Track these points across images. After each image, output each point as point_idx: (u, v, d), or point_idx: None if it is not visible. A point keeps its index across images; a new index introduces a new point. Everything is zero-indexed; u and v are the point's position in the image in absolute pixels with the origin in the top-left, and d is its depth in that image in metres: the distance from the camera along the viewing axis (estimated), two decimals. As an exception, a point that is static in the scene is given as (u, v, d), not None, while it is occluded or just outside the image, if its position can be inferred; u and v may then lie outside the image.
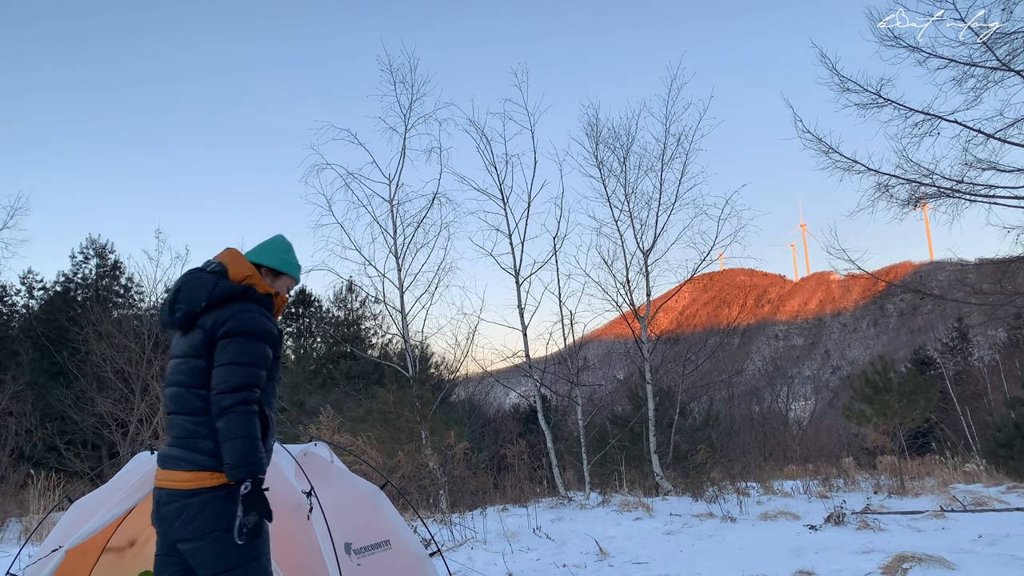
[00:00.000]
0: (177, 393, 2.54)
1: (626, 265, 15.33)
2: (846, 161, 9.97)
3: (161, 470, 2.54)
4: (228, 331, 2.50)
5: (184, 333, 2.61)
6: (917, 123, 9.34)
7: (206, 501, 2.43)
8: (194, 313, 2.56)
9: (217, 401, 2.43)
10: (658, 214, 15.13)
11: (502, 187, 14.85)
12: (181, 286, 2.62)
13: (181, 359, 2.57)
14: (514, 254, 14.74)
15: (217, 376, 2.46)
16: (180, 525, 2.44)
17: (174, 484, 2.47)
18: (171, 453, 2.52)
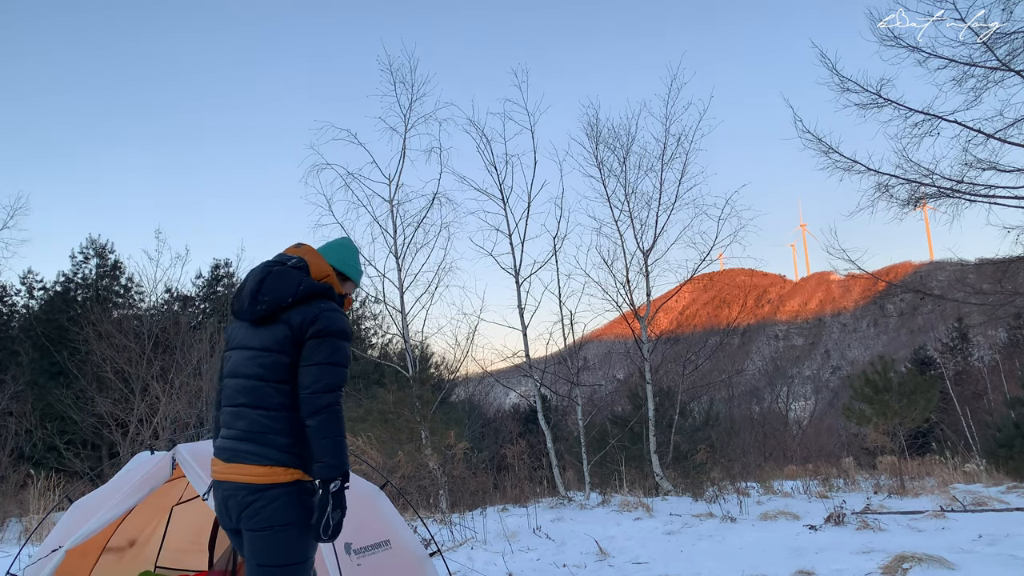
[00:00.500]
0: (252, 386, 2.49)
1: (626, 265, 15.34)
2: (846, 161, 9.99)
3: (225, 463, 2.51)
4: (320, 331, 2.47)
5: (258, 325, 2.55)
6: (917, 123, 9.36)
7: (277, 496, 2.43)
8: (279, 307, 2.51)
9: (313, 400, 2.41)
10: (658, 214, 15.15)
11: (502, 187, 14.86)
12: (264, 278, 2.56)
13: (258, 352, 2.51)
14: (514, 254, 14.75)
15: (311, 375, 2.43)
16: (246, 517, 2.43)
17: (245, 478, 2.45)
18: (240, 447, 2.48)
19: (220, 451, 2.56)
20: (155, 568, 5.30)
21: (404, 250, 14.32)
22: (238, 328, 2.64)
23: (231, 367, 2.59)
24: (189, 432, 13.76)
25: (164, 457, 3.95)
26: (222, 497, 2.53)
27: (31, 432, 16.48)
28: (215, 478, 2.56)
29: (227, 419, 2.56)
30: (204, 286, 26.60)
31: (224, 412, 2.58)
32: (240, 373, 2.54)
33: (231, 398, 2.55)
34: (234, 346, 2.62)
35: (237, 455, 2.48)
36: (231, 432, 2.53)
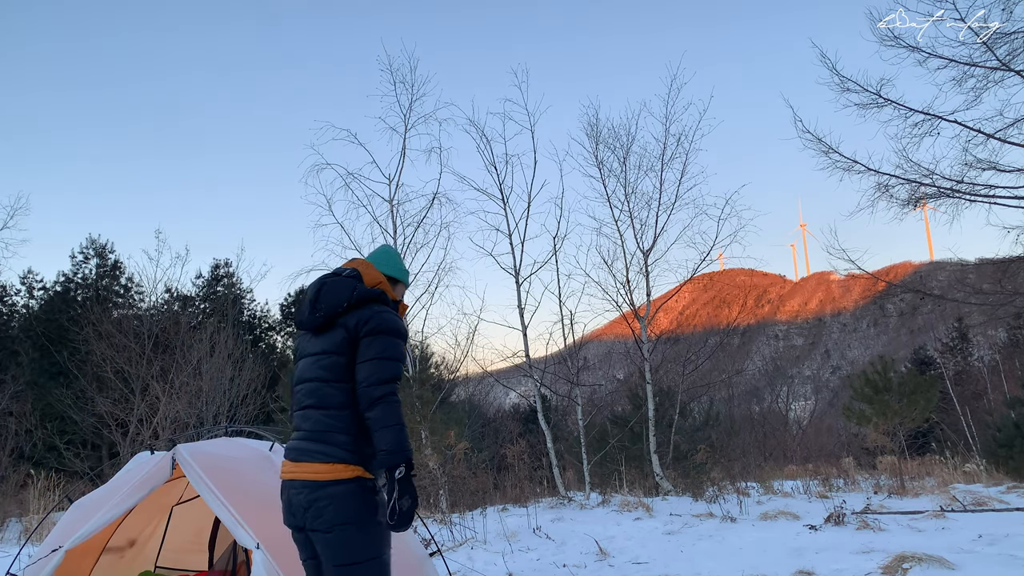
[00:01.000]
0: (315, 388, 2.63)
1: (626, 265, 15.35)
2: (846, 161, 9.99)
3: (291, 462, 2.62)
4: (372, 329, 2.61)
5: (319, 333, 2.71)
6: (917, 123, 9.36)
7: (337, 493, 2.50)
8: (335, 313, 2.66)
9: (368, 393, 2.52)
10: (658, 214, 15.16)
11: (502, 187, 14.87)
12: (321, 288, 2.73)
13: (320, 356, 2.66)
14: (514, 254, 14.76)
15: (365, 370, 2.55)
16: (312, 515, 2.51)
17: (309, 475, 2.54)
18: (305, 446, 2.60)
19: (288, 451, 2.68)
20: (155, 568, 5.30)
21: (404, 250, 14.32)
22: (302, 338, 2.81)
23: (299, 373, 2.74)
24: (189, 432, 13.76)
25: (164, 457, 3.95)
26: (288, 496, 2.62)
27: (31, 432, 16.46)
28: (283, 478, 2.67)
29: (297, 422, 2.71)
30: (204, 286, 26.60)
31: (297, 415, 2.72)
32: (305, 378, 2.69)
33: (299, 402, 2.71)
34: (304, 353, 2.77)
35: (303, 454, 2.59)
36: (299, 433, 2.67)
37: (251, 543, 3.46)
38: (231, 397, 16.60)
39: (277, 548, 3.49)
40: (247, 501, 3.66)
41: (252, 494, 3.76)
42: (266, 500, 3.79)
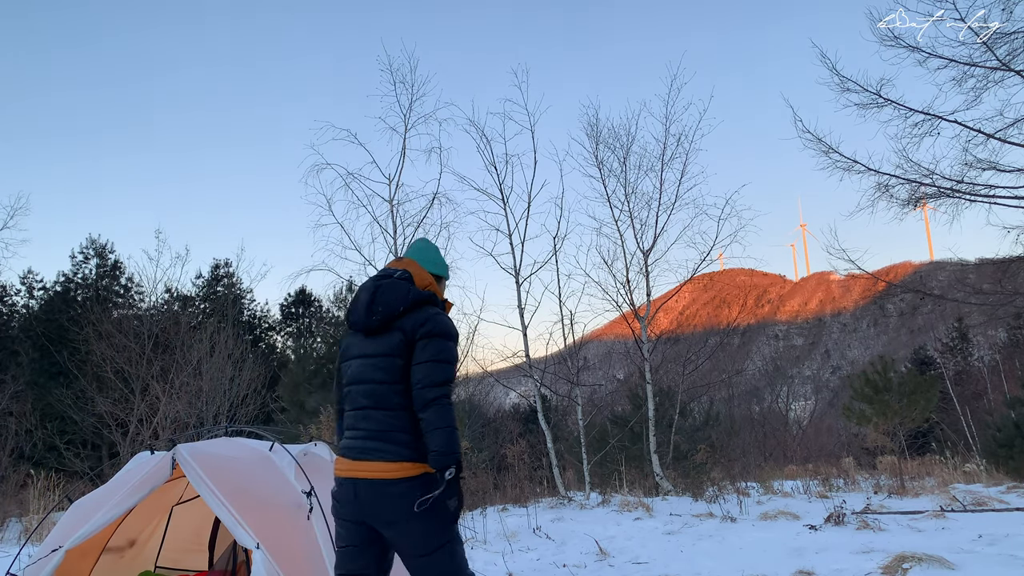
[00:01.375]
0: (374, 389, 2.73)
1: (626, 265, 15.34)
2: (846, 161, 9.99)
3: (354, 461, 2.71)
4: (428, 332, 2.71)
5: (372, 335, 2.80)
6: (917, 123, 9.36)
7: (407, 489, 2.63)
8: (392, 316, 2.76)
9: (423, 394, 2.64)
10: (658, 214, 15.15)
11: (502, 187, 14.86)
12: (376, 290, 2.81)
13: (377, 358, 2.75)
14: (514, 254, 14.75)
15: (421, 372, 2.66)
16: (381, 510, 2.65)
17: (376, 474, 2.66)
18: (368, 445, 2.71)
19: (348, 450, 2.77)
20: (155, 568, 5.29)
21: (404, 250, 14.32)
22: (353, 339, 2.89)
23: (353, 374, 2.83)
24: (189, 432, 13.76)
25: (164, 457, 3.95)
26: (351, 492, 2.71)
27: (31, 432, 16.46)
28: (342, 476, 2.75)
29: (352, 421, 2.81)
30: (204, 286, 26.61)
31: (348, 416, 2.83)
32: (363, 379, 2.78)
33: (355, 402, 2.79)
34: (352, 356, 2.86)
35: (365, 453, 2.71)
36: (358, 433, 2.77)
37: (251, 543, 3.46)
38: (231, 397, 16.60)
39: (277, 548, 3.49)
40: (247, 501, 3.66)
41: (252, 494, 3.76)
42: (266, 500, 3.79)
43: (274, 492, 3.86)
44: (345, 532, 2.78)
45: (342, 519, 2.78)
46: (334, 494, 2.79)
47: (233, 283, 26.93)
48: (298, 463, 4.03)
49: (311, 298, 27.62)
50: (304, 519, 3.72)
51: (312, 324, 27.42)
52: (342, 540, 2.79)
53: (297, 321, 27.73)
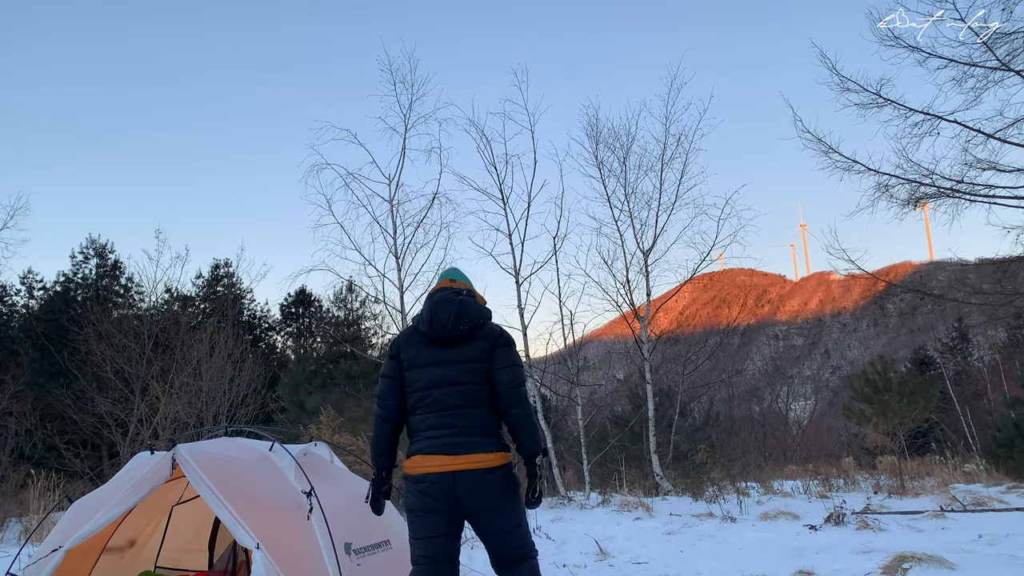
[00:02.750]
0: (468, 390, 3.08)
1: (626, 265, 15.35)
2: (846, 161, 9.99)
3: (454, 456, 3.01)
4: (506, 342, 3.19)
5: (451, 344, 3.14)
6: (917, 123, 9.35)
7: (502, 476, 3.08)
8: (474, 328, 3.16)
9: (514, 393, 3.10)
10: (658, 214, 15.17)
11: (502, 187, 14.88)
12: (460, 306, 3.18)
13: (465, 363, 3.11)
14: (514, 254, 14.76)
15: (507, 375, 3.11)
16: (484, 496, 3.02)
17: (479, 465, 3.02)
18: (468, 440, 3.04)
19: (445, 447, 3.03)
20: (155, 568, 5.29)
21: (404, 250, 14.34)
22: (423, 348, 3.18)
23: (436, 378, 3.12)
24: (189, 432, 13.75)
25: (164, 457, 3.95)
26: (451, 484, 3.00)
27: (31, 432, 16.44)
28: (437, 471, 3.01)
29: (440, 420, 3.08)
30: (204, 286, 26.58)
31: (434, 416, 3.09)
32: (452, 381, 3.10)
33: (442, 403, 3.09)
34: (426, 363, 3.14)
35: (466, 447, 3.03)
36: (453, 430, 3.06)
37: (251, 543, 3.46)
38: (231, 397, 16.59)
39: (277, 548, 3.49)
40: (247, 501, 3.66)
41: (252, 494, 3.76)
42: (266, 500, 3.79)
43: (274, 492, 3.86)
44: (433, 523, 3.04)
45: (432, 512, 3.03)
46: (423, 489, 3.02)
47: (233, 283, 26.92)
48: (298, 463, 4.03)
49: (311, 298, 27.60)
50: (304, 519, 3.72)
51: (312, 324, 27.40)
52: (430, 531, 3.04)
53: (297, 321, 27.71)
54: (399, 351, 3.23)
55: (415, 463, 3.08)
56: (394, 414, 3.20)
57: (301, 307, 27.62)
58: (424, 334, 3.18)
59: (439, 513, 3.03)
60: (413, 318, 3.37)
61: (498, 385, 3.10)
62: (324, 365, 22.11)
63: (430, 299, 3.25)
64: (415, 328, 3.26)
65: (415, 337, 3.22)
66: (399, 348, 3.23)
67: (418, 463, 3.07)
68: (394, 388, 3.19)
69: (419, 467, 3.06)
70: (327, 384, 20.65)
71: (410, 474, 3.10)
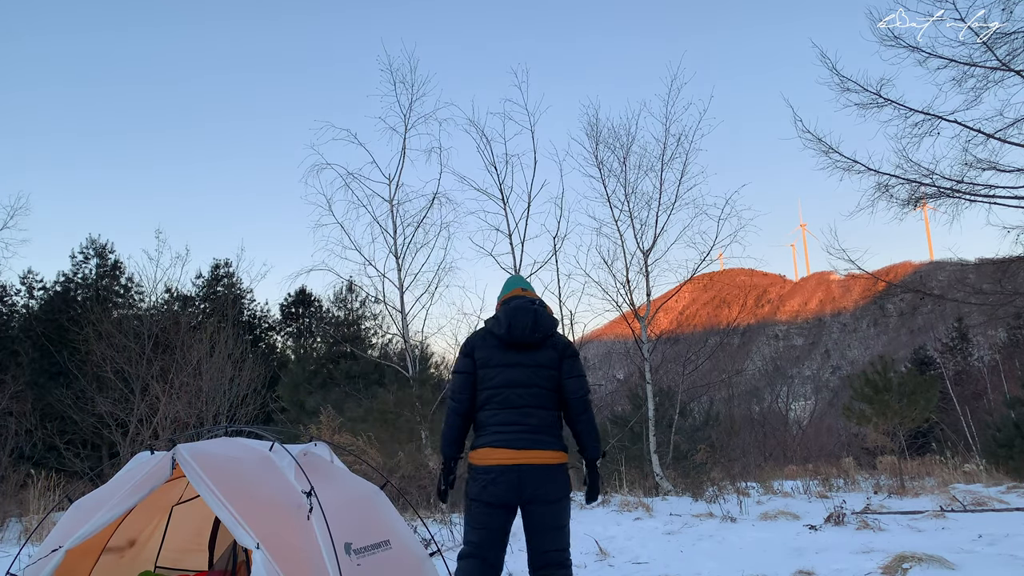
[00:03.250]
0: (539, 393, 3.35)
1: (626, 265, 15.35)
2: (846, 161, 9.97)
3: (521, 451, 3.24)
4: (573, 353, 3.48)
5: (526, 349, 3.40)
6: (917, 123, 9.34)
7: (562, 473, 3.31)
8: (547, 336, 3.43)
9: (582, 401, 3.42)
10: (658, 214, 15.18)
11: (502, 187, 14.88)
12: (536, 314, 3.44)
13: (538, 368, 3.38)
14: (514, 254, 14.77)
15: (576, 384, 3.41)
16: (544, 490, 3.24)
17: (545, 460, 3.26)
18: (536, 438, 3.28)
19: (514, 441, 3.26)
20: (155, 568, 5.29)
21: (404, 250, 14.35)
22: (499, 350, 3.42)
23: (508, 379, 3.36)
24: (189, 432, 13.75)
25: (164, 457, 3.95)
26: (516, 477, 3.23)
27: (31, 432, 16.44)
28: (504, 463, 3.24)
29: (509, 417, 3.31)
30: (204, 286, 26.58)
31: (504, 413, 3.32)
32: (525, 383, 3.34)
33: (512, 401, 3.32)
34: (503, 364, 3.39)
35: (535, 443, 3.26)
36: (521, 427, 3.29)
37: (251, 543, 3.46)
38: (231, 397, 16.59)
39: (277, 548, 3.49)
40: (247, 501, 3.66)
41: (252, 494, 3.75)
42: (266, 500, 3.79)
43: (274, 492, 3.86)
44: (488, 518, 3.28)
45: (491, 504, 3.26)
46: (491, 479, 3.24)
47: (233, 283, 26.91)
48: (298, 463, 4.03)
49: (311, 298, 27.60)
50: (304, 519, 3.72)
51: (312, 324, 27.40)
52: (488, 523, 3.29)
53: (297, 321, 27.71)
54: (473, 350, 3.45)
55: (483, 455, 3.30)
56: (467, 408, 3.41)
57: (301, 307, 27.62)
58: (500, 337, 3.40)
59: (500, 505, 3.26)
60: (486, 320, 3.58)
61: (568, 393, 3.39)
62: (324, 365, 22.11)
63: (506, 305, 3.48)
64: (489, 331, 3.48)
65: (489, 339, 3.45)
66: (473, 347, 3.46)
67: (486, 455, 3.29)
68: (468, 384, 3.41)
69: (487, 459, 3.28)
70: (327, 384, 20.65)
71: (478, 464, 3.32)
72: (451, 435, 3.45)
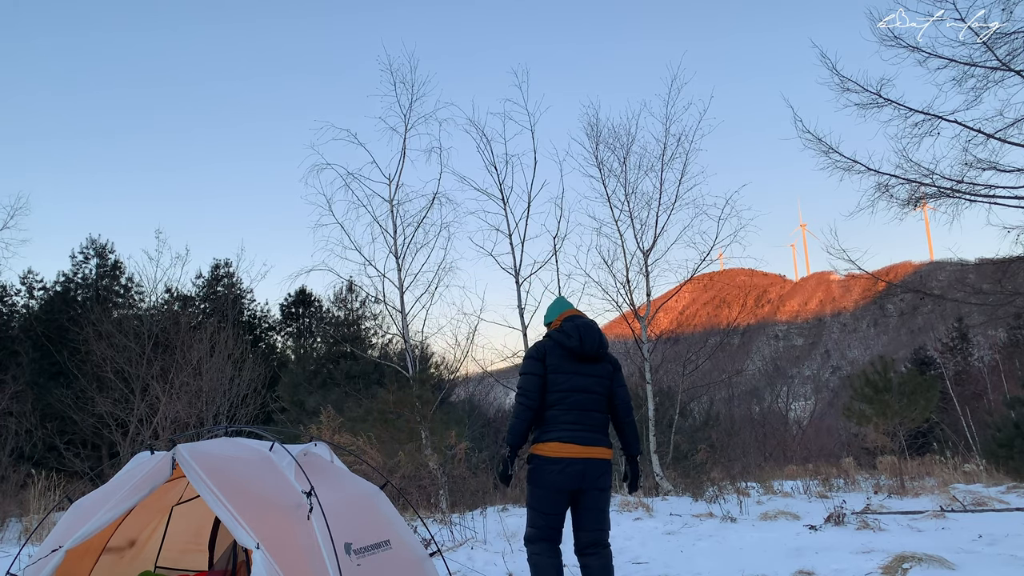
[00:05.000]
0: (599, 399, 3.97)
1: (626, 265, 15.35)
2: (846, 161, 9.96)
3: (587, 446, 3.84)
4: (620, 366, 4.16)
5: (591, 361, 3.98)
6: (917, 123, 9.33)
7: (611, 466, 3.97)
8: (606, 350, 4.05)
9: (629, 407, 4.10)
10: (658, 214, 15.18)
11: (502, 187, 14.86)
12: (600, 334, 4.05)
13: (599, 378, 3.99)
14: (514, 254, 14.75)
15: (625, 393, 4.11)
16: (600, 480, 3.87)
17: (604, 455, 3.90)
18: (595, 436, 3.90)
19: (582, 439, 3.84)
20: (155, 568, 5.29)
21: (404, 250, 14.33)
22: (566, 359, 3.96)
23: (576, 385, 3.92)
24: (189, 432, 13.76)
25: (164, 457, 3.94)
26: (582, 468, 3.81)
27: (31, 432, 16.45)
28: (574, 456, 3.81)
29: (576, 417, 3.87)
30: (204, 286, 26.59)
31: (572, 413, 3.87)
32: (589, 389, 3.94)
33: (580, 404, 3.90)
34: (572, 371, 3.94)
35: (596, 441, 3.89)
36: (584, 426, 3.88)
37: (251, 543, 3.46)
38: (231, 397, 16.60)
39: (277, 548, 3.49)
40: (247, 501, 3.66)
41: (252, 494, 3.75)
42: (266, 500, 3.79)
43: (274, 492, 3.86)
44: (559, 500, 3.85)
45: (559, 490, 3.81)
46: (559, 469, 3.78)
47: (233, 283, 26.92)
48: (298, 463, 4.03)
49: (311, 298, 27.60)
50: (304, 519, 3.72)
51: (312, 324, 27.40)
52: (555, 508, 3.85)
53: (297, 321, 27.71)
54: (544, 355, 3.96)
55: (553, 448, 3.81)
56: (537, 405, 3.89)
57: (301, 307, 27.62)
58: (571, 349, 3.94)
59: (564, 492, 3.82)
60: (553, 333, 4.07)
61: (618, 400, 4.03)
62: (324, 365, 22.13)
63: (572, 323, 4.03)
64: (558, 342, 3.98)
65: (558, 349, 3.97)
66: (544, 353, 3.96)
67: (556, 448, 3.81)
68: (539, 385, 3.90)
69: (557, 451, 3.80)
70: (327, 384, 20.66)
71: (547, 456, 3.82)
72: (521, 428, 3.91)
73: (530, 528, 3.91)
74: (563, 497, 3.84)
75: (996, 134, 8.92)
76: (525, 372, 3.98)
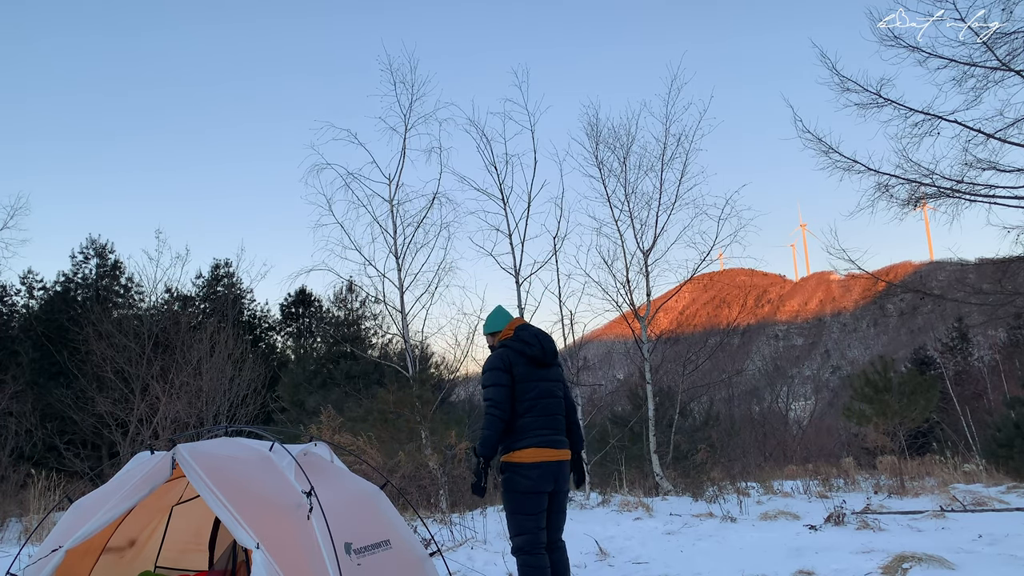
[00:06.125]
0: (560, 403, 4.20)
1: (626, 265, 15.35)
2: (846, 161, 9.98)
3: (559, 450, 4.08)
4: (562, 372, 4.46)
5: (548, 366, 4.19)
6: (917, 123, 9.35)
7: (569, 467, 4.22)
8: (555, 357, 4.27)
9: (575, 406, 4.43)
10: (658, 214, 15.17)
11: (502, 187, 14.86)
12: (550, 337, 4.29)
13: (557, 383, 4.23)
14: (514, 254, 14.75)
15: (570, 394, 4.41)
16: (568, 482, 4.16)
17: (568, 457, 4.14)
18: (562, 439, 4.13)
19: (556, 442, 4.07)
20: (155, 568, 5.29)
21: (404, 250, 14.33)
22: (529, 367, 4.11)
23: (544, 390, 4.12)
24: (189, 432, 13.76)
25: (164, 457, 3.94)
26: (556, 469, 4.03)
27: (31, 432, 16.44)
28: (553, 460, 4.03)
29: (547, 423, 4.06)
30: (204, 286, 26.59)
31: (543, 419, 4.05)
32: (554, 395, 4.17)
33: (550, 409, 4.11)
34: (536, 378, 4.10)
35: (563, 444, 4.12)
36: (554, 431, 4.09)
37: (251, 543, 3.46)
38: (231, 397, 16.59)
39: (277, 548, 3.49)
40: (247, 501, 3.66)
41: (252, 494, 3.75)
42: (266, 500, 3.79)
43: (274, 492, 3.86)
44: (542, 501, 3.99)
45: (542, 492, 3.98)
46: (540, 473, 3.94)
47: (233, 283, 26.92)
48: (298, 463, 4.02)
49: (311, 298, 27.60)
50: (304, 519, 3.72)
51: (312, 324, 27.40)
52: (541, 507, 3.98)
53: (297, 321, 27.71)
54: (511, 366, 4.05)
55: (531, 454, 3.96)
56: (508, 416, 3.99)
57: (301, 307, 27.62)
58: (532, 356, 4.08)
59: (545, 492, 4.00)
60: (509, 342, 4.16)
61: (568, 401, 4.29)
62: (324, 365, 22.12)
63: (527, 330, 4.18)
64: (518, 351, 4.09)
65: (519, 358, 4.08)
66: (511, 363, 4.05)
67: (534, 454, 3.96)
68: (509, 395, 4.00)
69: (535, 457, 3.96)
70: (327, 384, 20.65)
71: (526, 462, 3.95)
72: (495, 439, 3.96)
73: (520, 536, 3.95)
74: (545, 497, 4.01)
75: (996, 134, 8.94)
76: (494, 384, 4.02)
